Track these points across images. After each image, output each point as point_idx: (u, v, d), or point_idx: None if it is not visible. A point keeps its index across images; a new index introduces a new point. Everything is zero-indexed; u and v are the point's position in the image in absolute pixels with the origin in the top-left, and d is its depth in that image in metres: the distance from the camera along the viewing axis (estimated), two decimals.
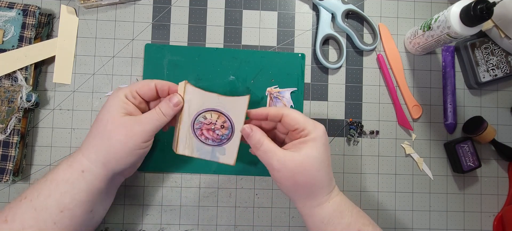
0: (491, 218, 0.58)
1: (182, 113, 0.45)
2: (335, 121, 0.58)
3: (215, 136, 0.46)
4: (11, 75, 0.52)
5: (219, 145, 0.47)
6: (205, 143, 0.47)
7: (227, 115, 0.44)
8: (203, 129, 0.46)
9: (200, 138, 0.46)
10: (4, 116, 0.51)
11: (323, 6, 0.57)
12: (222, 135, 0.46)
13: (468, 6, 0.45)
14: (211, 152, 0.47)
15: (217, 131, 0.46)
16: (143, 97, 0.45)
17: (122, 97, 0.43)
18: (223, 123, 0.45)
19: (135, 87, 0.44)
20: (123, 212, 0.55)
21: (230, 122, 0.45)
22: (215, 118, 0.45)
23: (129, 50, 0.56)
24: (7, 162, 0.51)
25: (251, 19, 0.58)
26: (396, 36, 0.59)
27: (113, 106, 0.42)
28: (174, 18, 0.57)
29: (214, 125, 0.45)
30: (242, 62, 0.57)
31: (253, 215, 0.56)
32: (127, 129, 0.41)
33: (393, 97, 0.58)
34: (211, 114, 0.45)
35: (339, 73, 0.58)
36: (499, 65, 0.56)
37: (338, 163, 0.57)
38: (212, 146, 0.47)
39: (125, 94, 0.43)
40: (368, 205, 0.57)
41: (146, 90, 0.44)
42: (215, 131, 0.46)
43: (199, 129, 0.46)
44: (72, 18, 0.56)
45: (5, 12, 0.52)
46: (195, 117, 0.45)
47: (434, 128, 0.59)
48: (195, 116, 0.45)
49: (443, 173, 0.58)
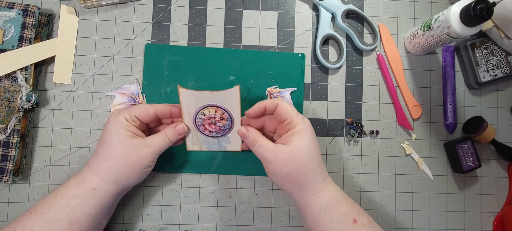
0: (491, 218, 0.58)
1: (183, 115, 0.47)
2: (335, 121, 0.58)
3: (218, 128, 0.48)
4: (11, 75, 0.52)
5: (223, 135, 0.49)
6: (210, 135, 0.49)
7: (223, 107, 0.47)
8: (205, 124, 0.48)
9: (204, 133, 0.49)
10: (4, 116, 0.51)
11: (323, 6, 0.57)
12: (224, 126, 0.48)
13: (468, 6, 0.45)
14: (218, 143, 0.50)
15: (218, 123, 0.48)
16: (142, 121, 0.47)
17: (124, 121, 0.45)
18: (222, 115, 0.47)
19: (134, 113, 0.46)
20: (123, 212, 0.55)
21: (228, 113, 0.47)
22: (213, 112, 0.47)
23: (129, 50, 0.56)
24: (7, 162, 0.51)
25: (251, 19, 0.58)
26: (396, 36, 0.59)
27: (118, 130, 0.45)
28: (174, 18, 0.57)
29: (213, 118, 0.48)
30: (242, 62, 0.57)
31: (253, 215, 0.56)
32: (138, 151, 0.45)
33: (393, 97, 0.58)
34: (209, 110, 0.47)
35: (339, 73, 0.58)
36: (499, 65, 0.56)
37: (338, 163, 0.57)
38: (217, 137, 0.49)
39: (125, 118, 0.45)
40: (368, 205, 0.57)
41: (144, 116, 0.46)
42: (216, 123, 0.48)
43: (201, 125, 0.48)
44: (72, 18, 0.56)
45: (5, 12, 0.52)
46: (195, 115, 0.47)
47: (434, 128, 0.59)
48: (195, 114, 0.47)
49: (443, 173, 0.58)
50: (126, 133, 0.45)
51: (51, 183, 0.54)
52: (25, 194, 0.54)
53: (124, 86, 0.56)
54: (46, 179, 0.54)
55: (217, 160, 0.55)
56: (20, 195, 0.54)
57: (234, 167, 0.56)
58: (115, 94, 0.55)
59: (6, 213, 0.53)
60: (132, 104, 0.55)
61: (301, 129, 0.45)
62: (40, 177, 0.54)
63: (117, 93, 0.55)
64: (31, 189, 0.54)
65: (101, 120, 0.55)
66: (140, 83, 0.56)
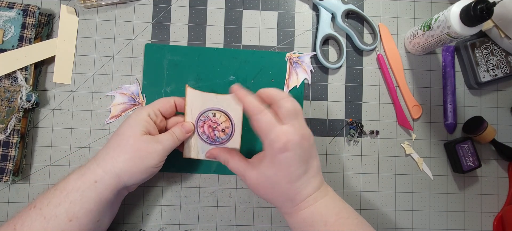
0: (491, 218, 0.58)
1: (185, 115, 0.48)
2: (335, 120, 0.58)
3: (212, 135, 0.49)
4: (11, 75, 0.52)
5: (221, 144, 0.49)
6: (208, 142, 0.49)
7: (226, 112, 0.47)
8: (206, 124, 0.49)
9: (200, 134, 0.49)
10: (4, 116, 0.51)
11: (323, 6, 0.57)
12: (218, 138, 0.49)
13: (468, 6, 0.45)
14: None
15: (216, 132, 0.49)
16: (164, 114, 0.48)
17: (145, 117, 0.46)
18: (226, 128, 0.48)
19: (158, 106, 0.47)
20: (123, 212, 0.54)
21: (230, 121, 0.48)
22: (222, 120, 0.48)
23: (129, 50, 0.56)
24: (7, 162, 0.51)
25: (251, 19, 0.58)
26: (396, 36, 0.59)
27: (136, 124, 0.45)
28: (174, 18, 0.57)
29: (217, 124, 0.48)
30: (242, 62, 0.57)
31: (253, 215, 0.56)
32: (148, 146, 0.44)
33: (393, 97, 0.58)
34: (221, 115, 0.48)
35: (339, 73, 0.58)
36: (499, 65, 0.56)
37: (338, 163, 0.57)
38: (214, 145, 0.49)
39: (148, 113, 0.46)
40: (368, 205, 0.57)
41: (167, 107, 0.48)
42: (214, 130, 0.48)
43: (202, 121, 0.49)
44: (72, 18, 0.56)
45: (5, 12, 0.52)
46: (198, 116, 0.48)
47: (434, 128, 0.59)
48: (198, 116, 0.48)
49: (443, 173, 0.58)
50: (141, 128, 0.45)
51: (51, 183, 0.54)
52: (25, 194, 0.54)
53: (124, 86, 0.56)
54: (46, 179, 0.54)
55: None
56: (20, 195, 0.54)
57: None
58: (115, 94, 0.55)
59: (6, 213, 0.53)
60: (132, 104, 0.55)
61: (270, 154, 0.41)
62: (40, 177, 0.54)
63: (117, 93, 0.55)
64: (31, 189, 0.54)
65: (101, 120, 0.55)
66: (140, 83, 0.56)
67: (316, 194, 0.43)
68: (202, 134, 0.49)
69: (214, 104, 0.47)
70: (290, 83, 0.57)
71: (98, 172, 0.43)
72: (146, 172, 0.45)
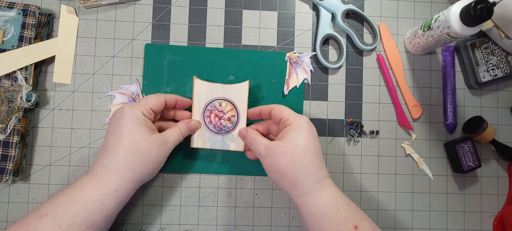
0: (491, 218, 0.58)
1: (193, 107, 0.51)
2: (335, 121, 0.58)
3: (219, 123, 0.51)
4: (11, 75, 0.52)
5: (227, 133, 0.52)
6: (215, 131, 0.52)
7: (232, 102, 0.50)
8: (212, 112, 0.51)
9: (207, 124, 0.51)
10: (4, 116, 0.51)
11: (323, 6, 0.57)
12: (224, 126, 0.51)
13: (468, 6, 0.45)
14: (222, 141, 0.52)
15: (222, 121, 0.51)
16: (156, 112, 0.49)
17: (141, 115, 0.46)
18: (232, 116, 0.51)
19: (149, 105, 0.47)
20: (123, 212, 0.54)
21: (236, 110, 0.50)
22: (228, 109, 0.51)
23: (129, 50, 0.56)
24: (7, 162, 0.51)
25: (251, 19, 0.58)
26: (396, 36, 0.59)
27: (138, 125, 0.45)
28: (174, 18, 0.57)
29: (224, 113, 0.51)
30: (242, 62, 0.57)
31: (253, 215, 0.56)
32: (159, 147, 0.46)
33: (393, 97, 0.58)
34: (227, 104, 0.50)
35: (339, 73, 0.58)
36: (499, 65, 0.56)
37: (338, 163, 0.57)
38: (221, 134, 0.51)
39: (142, 112, 0.46)
40: (368, 205, 0.57)
41: (159, 106, 0.48)
42: (221, 119, 0.51)
43: (209, 111, 0.51)
44: (72, 18, 0.56)
45: (5, 12, 0.52)
46: (205, 106, 0.51)
47: (434, 128, 0.59)
48: (205, 106, 0.51)
49: (443, 173, 0.58)
50: (146, 129, 0.45)
51: (51, 183, 0.54)
52: (25, 194, 0.54)
53: (124, 86, 0.56)
54: (46, 179, 0.54)
55: (217, 160, 0.55)
56: (20, 195, 0.54)
57: (234, 167, 0.56)
58: (115, 94, 0.55)
59: (6, 213, 0.53)
60: None
61: (297, 125, 0.45)
62: (40, 177, 0.54)
63: (117, 93, 0.55)
64: (31, 189, 0.54)
65: (101, 120, 0.55)
66: (140, 83, 0.56)
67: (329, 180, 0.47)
68: (209, 123, 0.51)
69: (220, 93, 0.51)
70: (290, 83, 0.57)
71: (116, 180, 0.44)
72: (158, 168, 0.48)
